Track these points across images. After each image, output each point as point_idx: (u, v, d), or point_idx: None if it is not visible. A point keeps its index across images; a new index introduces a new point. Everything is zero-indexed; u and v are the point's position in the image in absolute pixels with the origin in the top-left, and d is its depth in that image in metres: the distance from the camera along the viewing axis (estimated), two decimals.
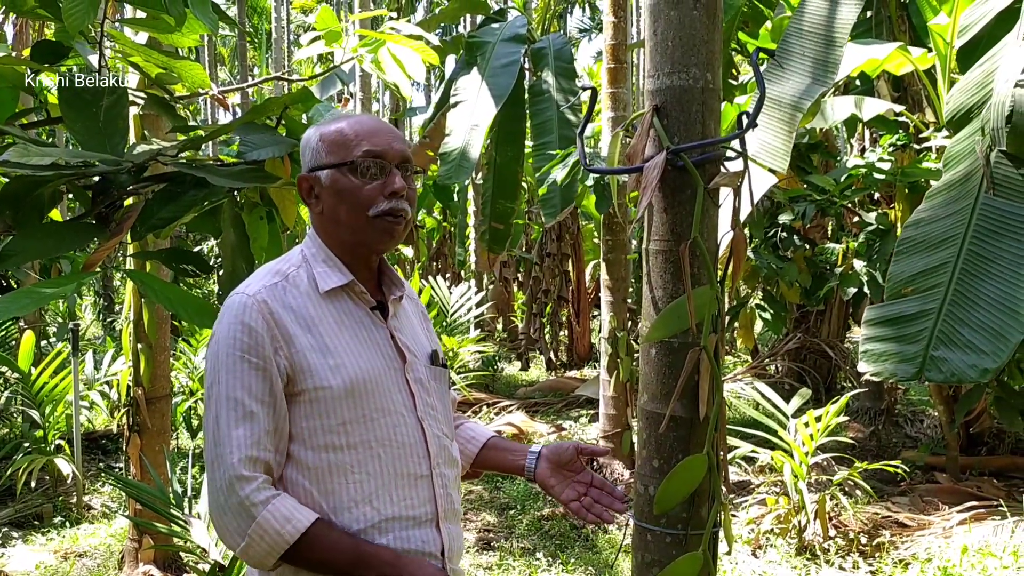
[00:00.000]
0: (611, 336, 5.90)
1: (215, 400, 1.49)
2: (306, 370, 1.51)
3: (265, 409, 1.48)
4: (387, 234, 1.60)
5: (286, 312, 1.53)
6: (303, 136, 1.68)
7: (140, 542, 4.25)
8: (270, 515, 1.43)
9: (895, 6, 5.93)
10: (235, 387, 1.47)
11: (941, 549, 4.37)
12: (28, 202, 2.26)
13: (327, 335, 1.55)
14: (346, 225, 1.60)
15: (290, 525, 1.44)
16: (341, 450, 1.52)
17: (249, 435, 1.46)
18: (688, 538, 1.95)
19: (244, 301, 1.52)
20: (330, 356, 1.53)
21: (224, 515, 1.45)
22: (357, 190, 1.58)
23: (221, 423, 1.47)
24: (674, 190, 1.91)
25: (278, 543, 1.43)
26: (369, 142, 1.59)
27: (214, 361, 1.51)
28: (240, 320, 1.50)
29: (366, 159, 1.58)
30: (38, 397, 5.82)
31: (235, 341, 1.49)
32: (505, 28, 7.11)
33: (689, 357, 1.89)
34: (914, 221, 3.44)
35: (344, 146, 1.60)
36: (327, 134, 1.62)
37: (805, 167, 5.97)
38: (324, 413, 1.51)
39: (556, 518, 5.23)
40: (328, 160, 1.60)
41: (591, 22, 26.40)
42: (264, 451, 1.47)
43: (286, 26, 19.53)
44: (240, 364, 1.48)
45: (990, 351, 2.83)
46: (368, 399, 1.54)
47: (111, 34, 2.77)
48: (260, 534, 1.43)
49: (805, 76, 3.64)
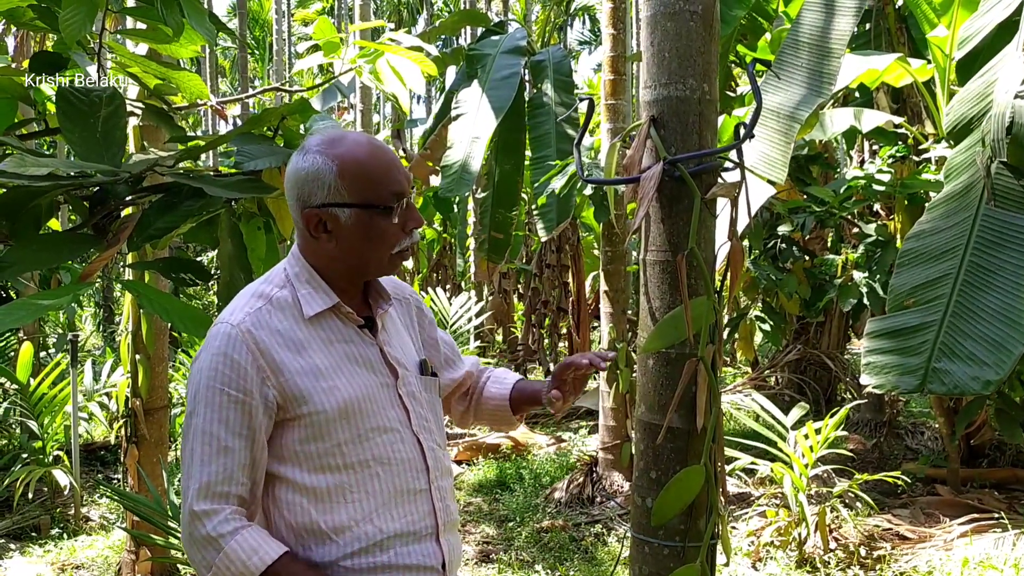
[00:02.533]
0: (611, 347, 5.89)
1: (192, 433, 1.49)
2: (298, 396, 1.50)
3: (241, 442, 1.47)
4: (399, 265, 1.62)
5: (272, 337, 1.51)
6: (302, 163, 1.55)
7: (137, 554, 4.23)
8: (237, 546, 1.44)
9: (894, 18, 5.95)
10: (211, 421, 1.47)
11: (942, 562, 4.35)
12: (25, 213, 2.27)
13: (317, 357, 1.53)
14: (369, 262, 1.59)
15: (256, 557, 1.44)
16: (339, 471, 1.51)
17: (222, 471, 1.46)
18: (686, 550, 1.94)
19: (228, 332, 1.50)
20: (322, 379, 1.52)
21: (192, 547, 1.46)
22: (386, 231, 1.56)
23: (195, 458, 1.47)
24: (671, 201, 1.91)
25: (244, 574, 1.43)
26: (394, 181, 1.56)
27: (194, 392, 1.50)
28: (223, 352, 1.49)
29: (395, 200, 1.55)
30: (36, 408, 5.81)
31: (216, 373, 1.48)
32: (505, 40, 7.14)
33: (686, 368, 1.89)
34: (915, 233, 3.44)
35: (370, 186, 1.54)
36: (346, 169, 1.53)
37: (804, 178, 5.97)
38: (320, 436, 1.51)
39: (555, 530, 5.21)
40: (350, 199, 1.53)
41: (591, 34, 26.48)
42: (237, 486, 1.47)
43: (287, 38, 19.61)
44: (219, 396, 1.47)
45: (992, 363, 2.82)
46: (363, 419, 1.54)
47: (110, 45, 2.78)
48: (226, 564, 1.43)
49: (803, 87, 3.65)
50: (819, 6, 4.00)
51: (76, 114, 2.34)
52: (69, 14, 2.20)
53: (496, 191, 7.22)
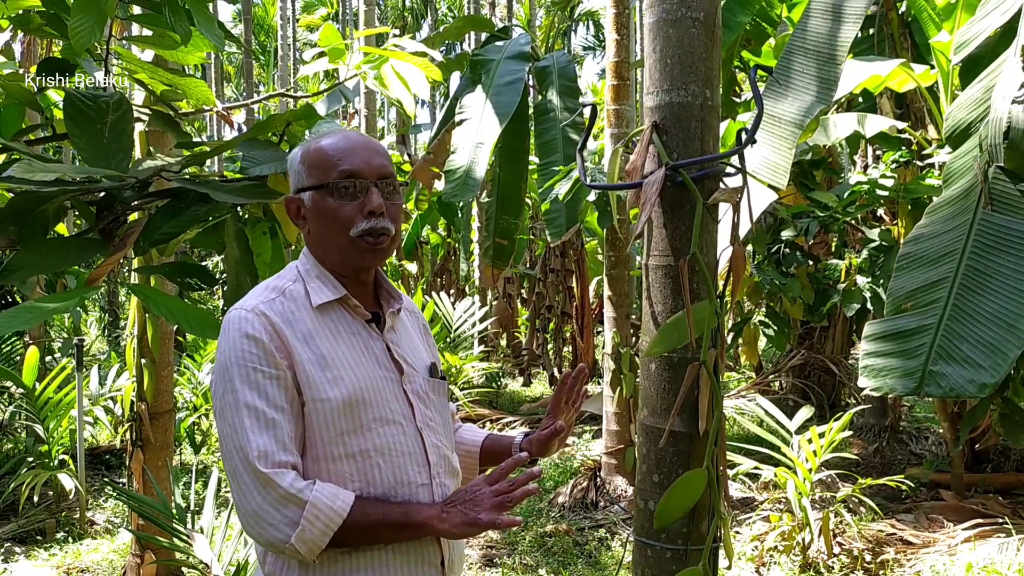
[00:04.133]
0: (614, 352, 5.90)
1: (232, 409, 1.48)
2: (306, 382, 1.51)
3: (284, 416, 1.48)
4: (369, 253, 1.61)
5: (285, 326, 1.54)
6: (289, 156, 1.68)
7: (142, 557, 4.24)
8: (319, 495, 1.44)
9: (897, 24, 5.96)
10: (252, 396, 1.47)
11: (946, 567, 4.35)
12: (33, 217, 2.28)
13: (325, 348, 1.55)
14: (331, 245, 1.61)
15: (339, 501, 1.45)
16: (340, 460, 1.53)
17: (274, 441, 1.46)
18: (688, 553, 1.95)
19: (244, 315, 1.53)
20: (328, 369, 1.53)
21: (265, 513, 1.44)
22: (336, 211, 1.58)
23: (245, 430, 1.46)
24: (673, 206, 1.93)
25: (333, 519, 1.44)
26: (346, 161, 1.59)
27: (224, 374, 1.51)
28: (243, 333, 1.51)
29: (342, 179, 1.58)
30: (42, 412, 5.83)
31: (244, 353, 1.49)
32: (509, 46, 7.15)
33: (688, 372, 1.90)
34: (914, 237, 3.45)
35: (322, 167, 1.60)
36: (308, 155, 1.63)
37: (808, 183, 5.98)
38: (323, 425, 1.52)
39: (559, 535, 5.21)
40: (308, 182, 1.61)
41: (595, 40, 26.52)
42: (289, 455, 1.47)
43: (292, 44, 19.67)
44: (254, 374, 1.48)
45: (988, 366, 2.82)
46: (366, 410, 1.55)
47: (117, 51, 2.80)
48: (315, 514, 1.43)
49: (805, 93, 3.66)
50: (821, 11, 4.01)
51: (83, 119, 2.35)
52: (78, 21, 2.22)
53: (500, 197, 7.23)
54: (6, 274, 2.15)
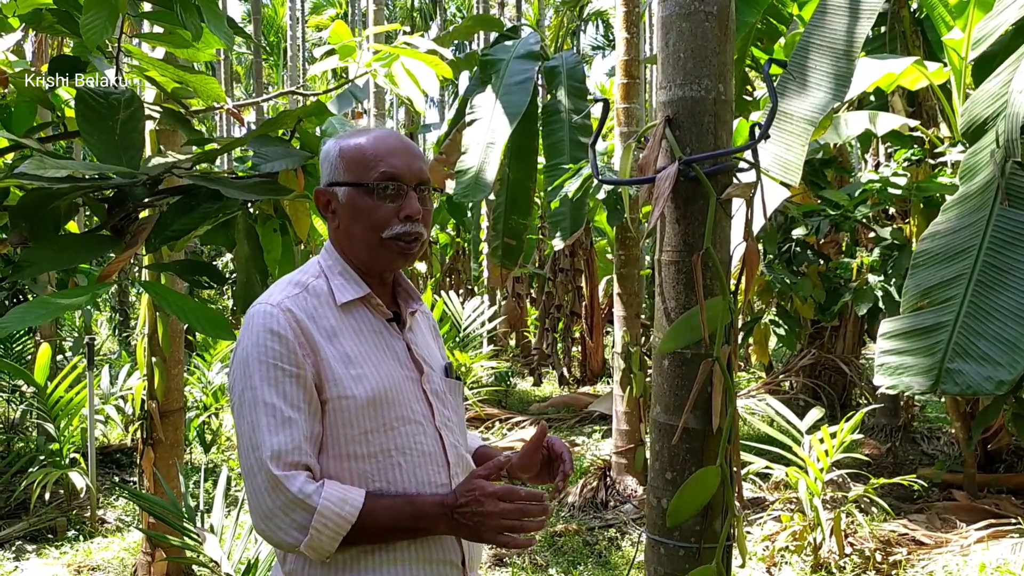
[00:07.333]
0: (624, 351, 5.88)
1: (250, 406, 1.47)
2: (331, 380, 1.50)
3: (302, 416, 1.47)
4: (400, 256, 1.60)
5: (310, 322, 1.52)
6: (323, 147, 1.66)
7: (153, 555, 4.25)
8: (328, 500, 1.43)
9: (909, 21, 5.93)
10: (271, 394, 1.46)
11: (959, 567, 4.32)
12: (44, 214, 2.28)
13: (348, 345, 1.54)
14: (360, 243, 1.60)
15: (347, 506, 1.44)
16: (362, 459, 1.52)
17: (289, 441, 1.44)
18: (701, 551, 1.94)
19: (269, 311, 1.51)
20: (352, 366, 1.52)
21: (275, 516, 1.43)
22: (372, 211, 1.57)
23: (260, 428, 1.45)
24: (686, 201, 1.91)
25: (342, 525, 1.43)
26: (387, 163, 1.58)
27: (244, 369, 1.49)
28: (268, 328, 1.49)
29: (383, 181, 1.57)
30: (53, 411, 5.85)
31: (266, 349, 1.48)
32: (519, 45, 7.14)
33: (702, 368, 1.88)
34: (930, 234, 3.42)
35: (362, 165, 1.58)
36: (347, 149, 1.61)
37: (819, 182, 5.95)
38: (347, 423, 1.51)
39: (569, 534, 5.20)
40: (345, 177, 1.59)
41: (604, 39, 26.50)
42: (304, 455, 1.46)
43: (301, 44, 19.71)
44: (274, 371, 1.47)
45: (1006, 363, 2.80)
46: (389, 408, 1.54)
47: (128, 49, 2.80)
48: (323, 523, 1.42)
49: (819, 89, 3.64)
50: (835, 7, 3.99)
51: (95, 117, 2.35)
52: (90, 19, 2.22)
53: (509, 198, 7.22)
54: (18, 270, 2.15)
